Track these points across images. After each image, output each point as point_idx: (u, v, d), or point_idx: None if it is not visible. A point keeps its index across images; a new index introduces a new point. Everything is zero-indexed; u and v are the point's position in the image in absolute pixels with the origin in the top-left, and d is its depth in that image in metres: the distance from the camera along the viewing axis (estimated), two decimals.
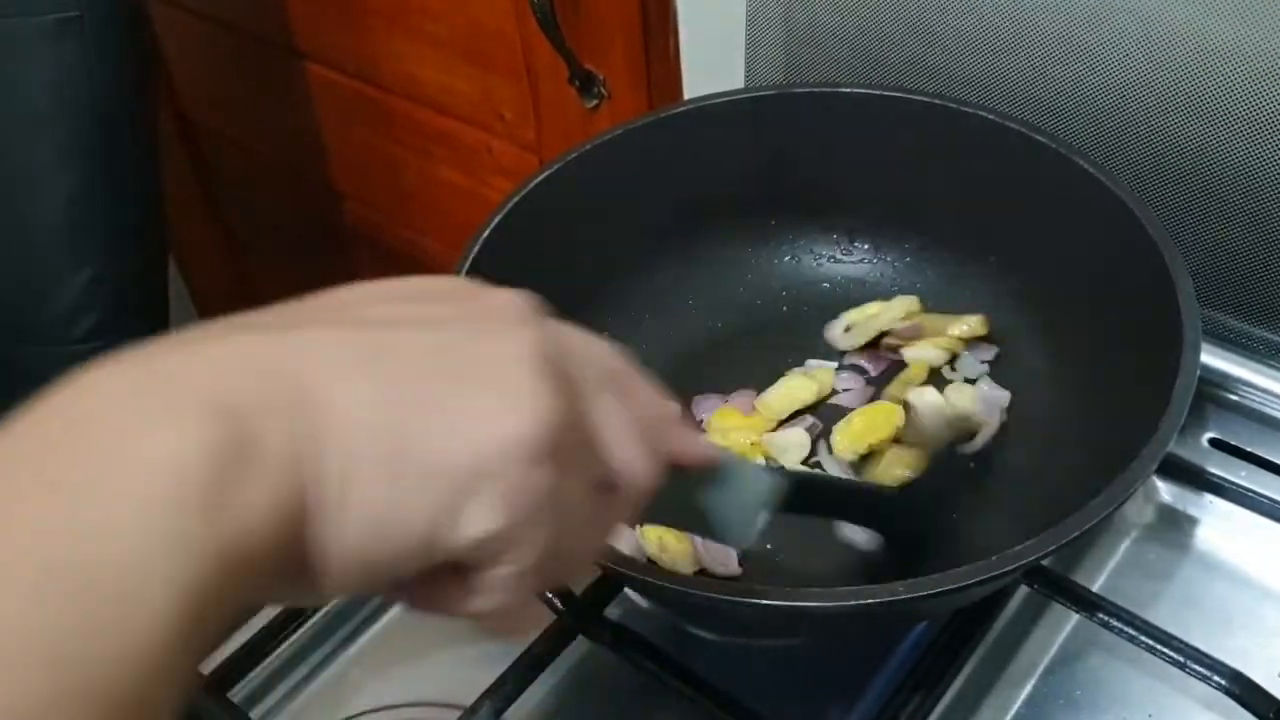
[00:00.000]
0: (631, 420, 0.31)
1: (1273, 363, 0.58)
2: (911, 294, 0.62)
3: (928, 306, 0.62)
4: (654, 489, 0.32)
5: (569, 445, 0.29)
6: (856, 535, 0.53)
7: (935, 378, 0.59)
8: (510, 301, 0.30)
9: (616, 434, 0.31)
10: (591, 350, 0.32)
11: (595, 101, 0.88)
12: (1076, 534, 0.41)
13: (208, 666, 0.52)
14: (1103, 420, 0.51)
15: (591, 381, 0.31)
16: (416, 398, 0.27)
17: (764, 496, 0.38)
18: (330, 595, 0.28)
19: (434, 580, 0.29)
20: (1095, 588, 0.52)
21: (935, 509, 0.50)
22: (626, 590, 0.53)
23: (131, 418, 0.24)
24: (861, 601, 0.41)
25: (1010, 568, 0.42)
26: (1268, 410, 0.58)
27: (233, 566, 0.24)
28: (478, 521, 0.27)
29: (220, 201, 1.43)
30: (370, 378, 0.27)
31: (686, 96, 0.84)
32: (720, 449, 0.37)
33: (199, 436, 0.24)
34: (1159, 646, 0.47)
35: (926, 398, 0.57)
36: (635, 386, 0.33)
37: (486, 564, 0.28)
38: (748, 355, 0.62)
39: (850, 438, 0.56)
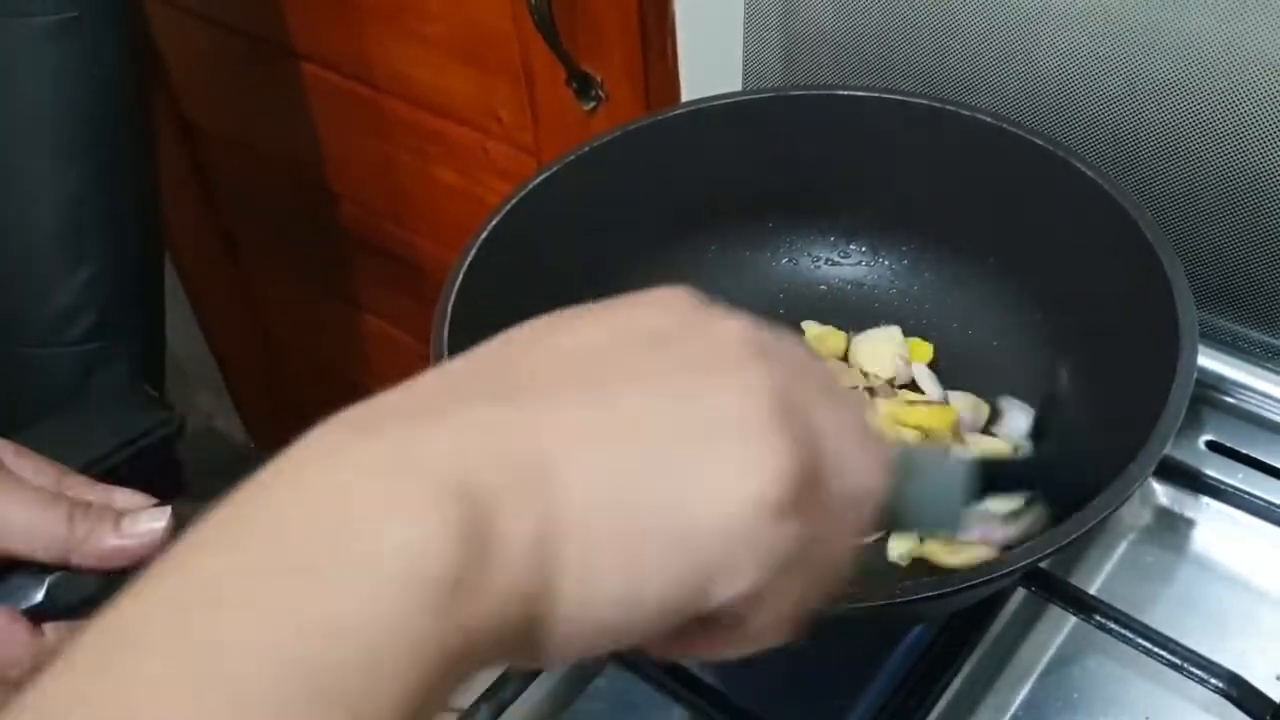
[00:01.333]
0: (855, 429, 0.30)
1: (1270, 365, 0.58)
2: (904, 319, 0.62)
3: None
4: (881, 496, 0.31)
5: (812, 485, 0.27)
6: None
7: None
8: (734, 335, 0.29)
9: (851, 451, 0.30)
10: (808, 364, 0.31)
11: (593, 103, 0.88)
12: (1073, 536, 0.41)
13: None
14: (1100, 422, 0.51)
15: (819, 404, 0.29)
16: (654, 468, 0.26)
17: (963, 482, 0.37)
18: (556, 664, 0.27)
19: (681, 633, 0.28)
20: (1092, 590, 0.52)
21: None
22: None
23: (374, 501, 0.24)
24: (859, 604, 0.42)
25: (1007, 570, 0.42)
26: (1264, 413, 0.58)
27: (463, 655, 0.24)
28: (728, 588, 0.26)
29: (217, 202, 1.43)
30: (607, 453, 0.26)
31: (684, 99, 0.84)
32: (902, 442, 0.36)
33: (442, 527, 0.23)
34: (1156, 649, 0.47)
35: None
36: (839, 387, 0.32)
37: (744, 617, 0.28)
38: None
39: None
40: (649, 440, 0.26)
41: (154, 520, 0.40)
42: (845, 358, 0.61)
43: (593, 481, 0.25)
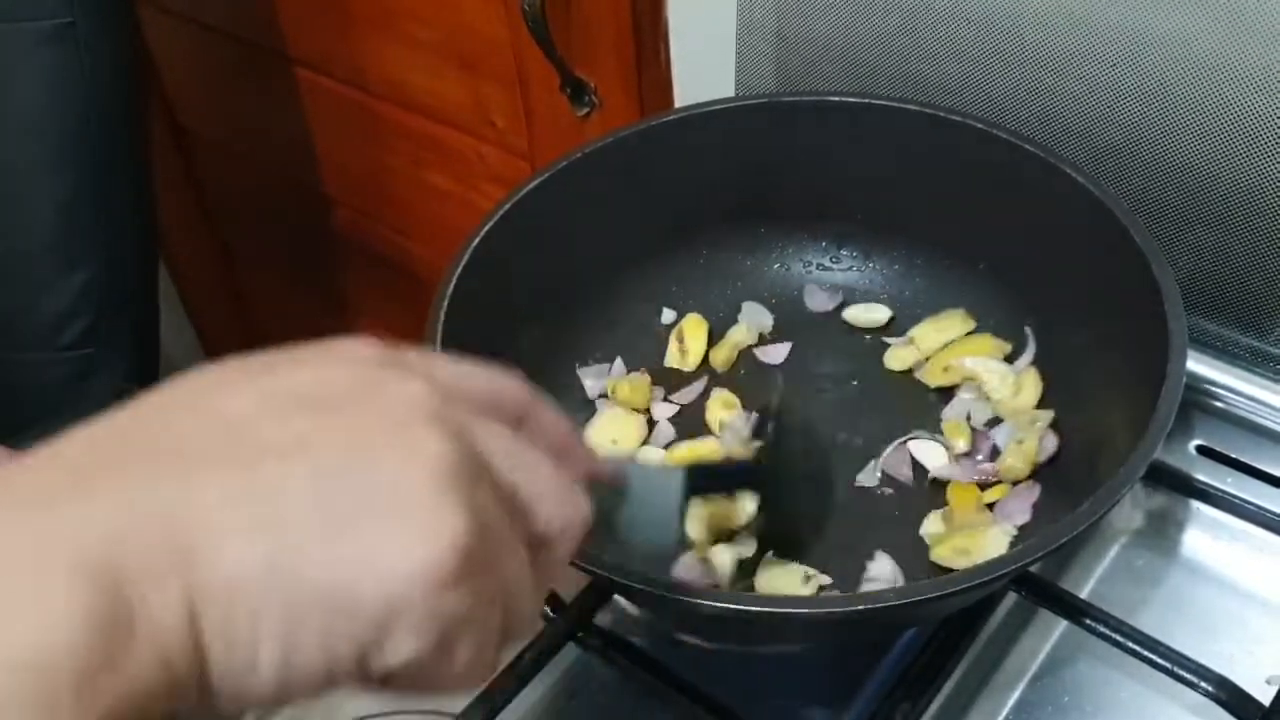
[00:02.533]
0: (550, 470, 0.31)
1: (1259, 370, 0.59)
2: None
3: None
4: (588, 523, 0.32)
5: (490, 548, 0.28)
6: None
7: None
8: (405, 399, 0.28)
9: (542, 495, 0.30)
10: (496, 398, 0.31)
11: (586, 109, 0.88)
12: (1063, 540, 0.41)
13: None
14: (1091, 427, 0.51)
15: (502, 451, 0.29)
16: (314, 540, 0.26)
17: (678, 494, 0.38)
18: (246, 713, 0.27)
19: (371, 681, 0.28)
20: (1083, 594, 0.52)
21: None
22: (616, 597, 0.53)
23: (4, 594, 0.23)
24: (849, 608, 0.42)
25: (997, 574, 0.42)
26: (1254, 418, 0.58)
27: None
28: (397, 652, 0.27)
29: (212, 207, 1.43)
30: (264, 525, 0.25)
31: (677, 105, 0.84)
32: (618, 458, 0.37)
33: (76, 617, 0.23)
34: (1146, 653, 0.47)
35: None
36: (540, 414, 0.33)
37: (430, 668, 0.28)
38: (735, 365, 0.62)
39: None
40: (310, 511, 0.26)
41: None
42: None
43: (242, 557, 0.25)
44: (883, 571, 0.52)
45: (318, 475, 0.26)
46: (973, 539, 0.52)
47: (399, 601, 0.26)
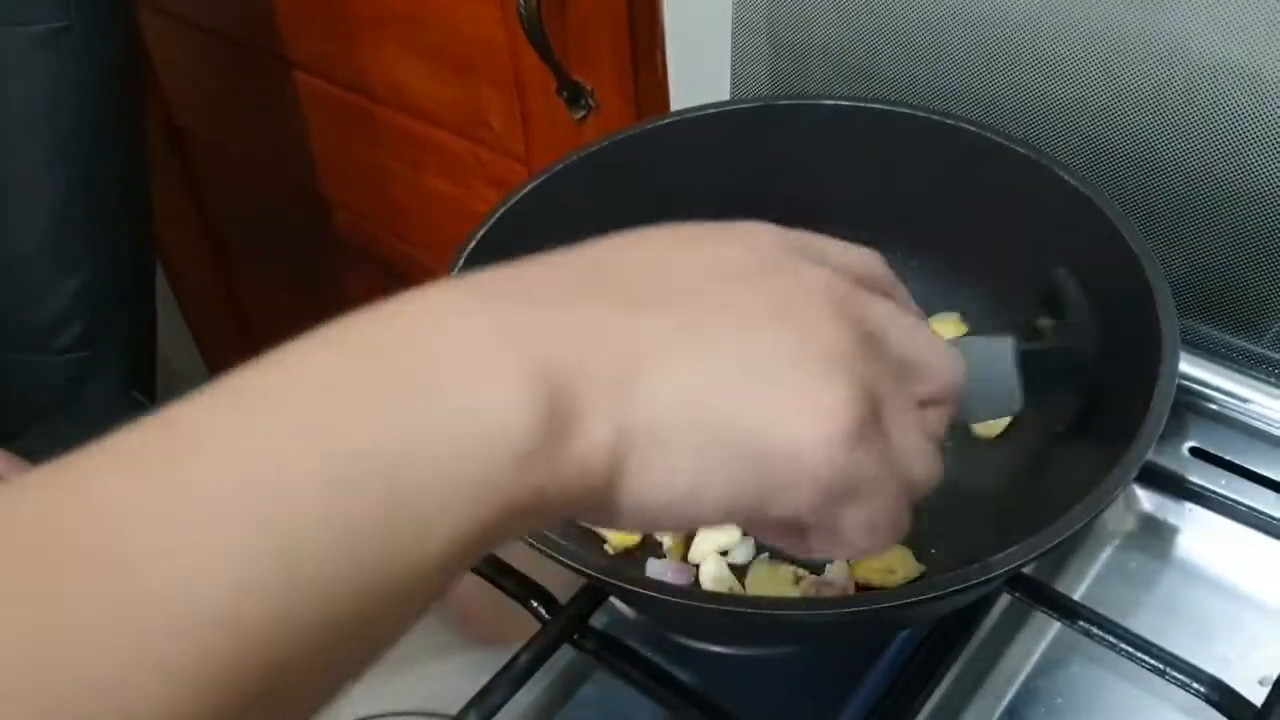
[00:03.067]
0: (929, 335, 0.34)
1: (1252, 372, 0.59)
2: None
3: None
4: (963, 380, 0.35)
5: (884, 416, 0.31)
6: None
7: None
8: (817, 278, 0.31)
9: (927, 359, 0.33)
10: (875, 276, 0.35)
11: (583, 112, 0.88)
12: (1056, 542, 0.41)
13: None
14: (1083, 428, 0.52)
15: (893, 324, 0.32)
16: (735, 389, 0.28)
17: (1012, 363, 0.40)
18: (631, 528, 0.30)
19: (777, 529, 0.32)
20: (1076, 596, 0.52)
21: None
22: (611, 599, 0.53)
23: (473, 368, 0.26)
24: (843, 610, 0.42)
25: (990, 575, 0.42)
26: (1247, 419, 0.58)
27: (529, 509, 0.26)
28: (788, 504, 0.29)
29: (209, 211, 1.43)
30: (692, 365, 0.28)
31: (673, 108, 0.84)
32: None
33: (530, 402, 0.25)
34: (1139, 654, 0.47)
35: None
36: (901, 290, 0.36)
37: (829, 521, 0.31)
38: None
39: None
40: (734, 364, 0.29)
41: None
42: None
43: (677, 392, 0.28)
44: (837, 577, 0.52)
45: (745, 331, 0.29)
46: (878, 555, 0.52)
47: (804, 454, 0.29)
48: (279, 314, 1.48)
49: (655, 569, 0.54)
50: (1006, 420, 0.56)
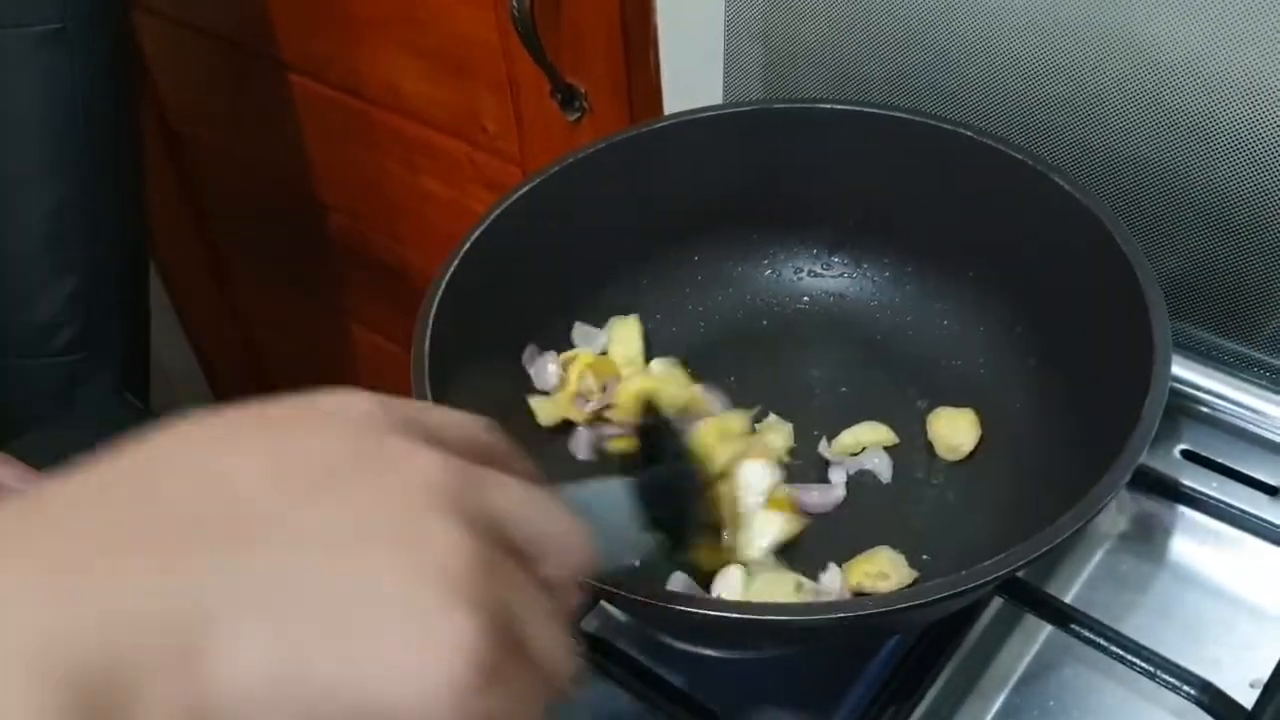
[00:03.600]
0: (553, 510, 0.30)
1: (1244, 375, 0.59)
2: None
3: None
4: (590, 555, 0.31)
5: (514, 635, 0.26)
6: None
7: None
8: (419, 472, 0.26)
9: (552, 539, 0.29)
10: (488, 447, 0.30)
11: (577, 115, 0.88)
12: (1049, 547, 0.42)
13: None
14: (1078, 432, 0.52)
15: (511, 504, 0.28)
16: (324, 645, 0.24)
17: (628, 507, 0.37)
18: None
19: None
20: (1068, 598, 0.52)
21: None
22: (603, 603, 0.53)
23: None
24: (835, 615, 0.42)
25: (983, 580, 0.42)
26: (1239, 422, 0.58)
27: None
28: None
29: (204, 213, 1.43)
30: (267, 622, 0.23)
31: (667, 110, 0.84)
32: (567, 488, 0.36)
33: (55, 714, 0.20)
34: (1130, 657, 0.47)
35: None
36: (516, 459, 0.32)
37: None
38: (727, 369, 0.62)
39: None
40: (320, 612, 0.24)
41: None
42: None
43: (253, 662, 0.23)
44: (832, 584, 0.52)
45: (332, 562, 0.24)
46: (872, 561, 0.52)
47: (430, 706, 0.24)
48: (273, 316, 1.48)
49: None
50: (973, 444, 0.56)
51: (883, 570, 0.51)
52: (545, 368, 0.60)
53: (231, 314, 1.54)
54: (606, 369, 0.60)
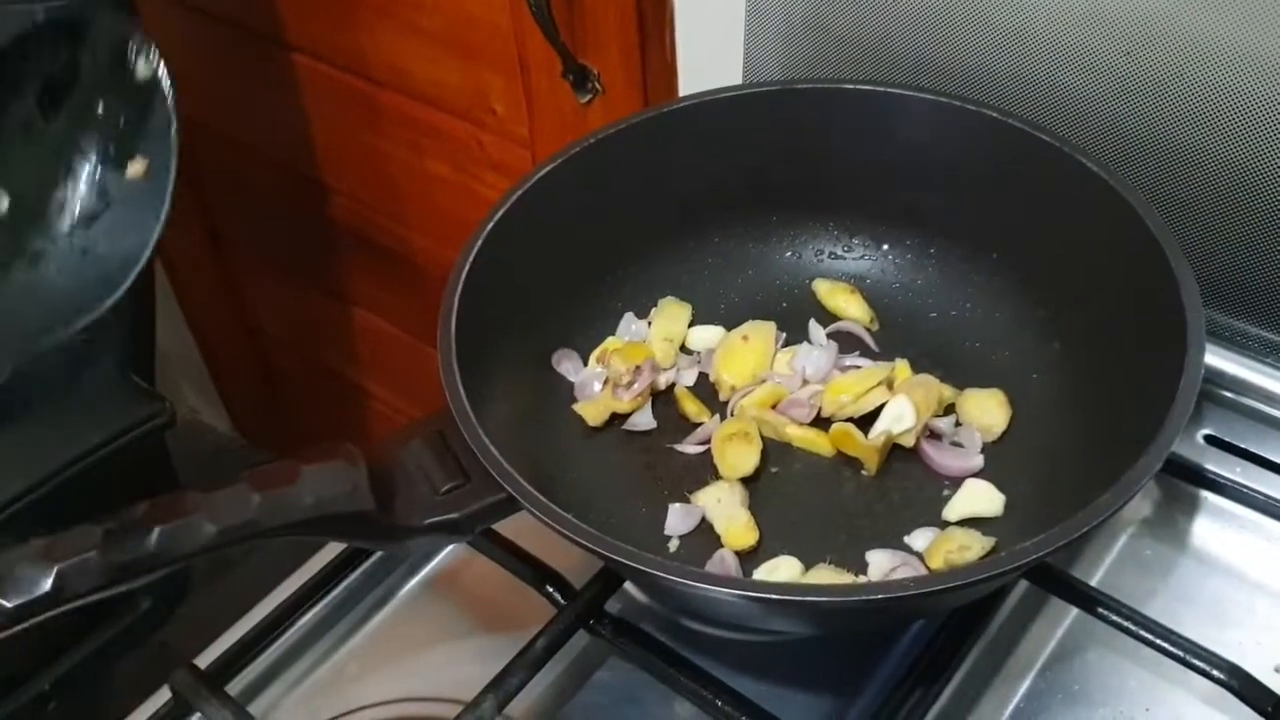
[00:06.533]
0: None
1: (1269, 361, 0.59)
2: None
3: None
4: None
5: None
6: None
7: None
8: None
9: None
10: None
11: (589, 96, 0.87)
12: (1080, 533, 0.41)
13: (205, 660, 0.52)
14: (1106, 418, 0.51)
15: None
16: None
17: None
18: None
19: None
20: (1093, 583, 0.52)
21: None
22: (627, 585, 0.53)
23: None
24: (862, 597, 0.42)
25: (1014, 565, 0.42)
26: (1264, 408, 0.58)
27: None
28: None
29: (206, 196, 1.42)
30: None
31: (681, 92, 0.84)
32: None
33: None
34: (1157, 640, 0.47)
35: None
36: None
37: None
38: None
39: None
40: None
41: None
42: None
43: None
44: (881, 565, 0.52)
45: None
46: (951, 539, 0.51)
47: None
48: (275, 300, 1.47)
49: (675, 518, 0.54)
50: (1005, 423, 0.56)
51: (964, 543, 0.51)
52: (575, 368, 0.60)
53: (232, 297, 1.53)
54: (636, 353, 0.59)
